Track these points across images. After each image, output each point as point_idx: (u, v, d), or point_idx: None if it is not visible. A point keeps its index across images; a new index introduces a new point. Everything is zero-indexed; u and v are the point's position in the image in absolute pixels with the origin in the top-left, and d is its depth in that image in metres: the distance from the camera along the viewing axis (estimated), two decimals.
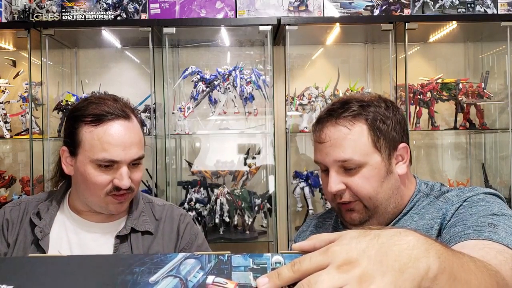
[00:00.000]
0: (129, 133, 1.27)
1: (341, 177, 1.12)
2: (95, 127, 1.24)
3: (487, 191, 1.08)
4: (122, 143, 1.25)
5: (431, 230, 1.07)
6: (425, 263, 0.51)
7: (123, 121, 1.27)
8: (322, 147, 1.14)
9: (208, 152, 3.02)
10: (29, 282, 0.57)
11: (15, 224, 1.34)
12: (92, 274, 0.58)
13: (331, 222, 1.33)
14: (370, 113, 1.12)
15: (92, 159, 1.24)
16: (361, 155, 1.10)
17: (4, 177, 2.83)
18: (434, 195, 1.16)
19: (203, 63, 2.94)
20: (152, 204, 1.44)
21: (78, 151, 1.27)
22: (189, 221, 1.45)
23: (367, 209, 1.13)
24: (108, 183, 1.26)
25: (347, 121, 1.11)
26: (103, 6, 2.67)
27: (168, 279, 0.55)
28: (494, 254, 0.82)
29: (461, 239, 0.93)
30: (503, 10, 2.65)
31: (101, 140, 1.23)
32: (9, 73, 2.86)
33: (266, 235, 2.75)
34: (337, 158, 1.11)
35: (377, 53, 3.00)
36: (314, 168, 2.89)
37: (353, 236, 0.54)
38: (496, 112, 2.93)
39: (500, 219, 0.96)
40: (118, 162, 1.25)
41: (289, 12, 2.66)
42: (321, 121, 1.16)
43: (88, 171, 1.25)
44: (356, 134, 1.11)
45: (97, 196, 1.28)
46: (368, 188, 1.11)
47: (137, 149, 1.29)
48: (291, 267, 0.54)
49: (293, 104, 2.73)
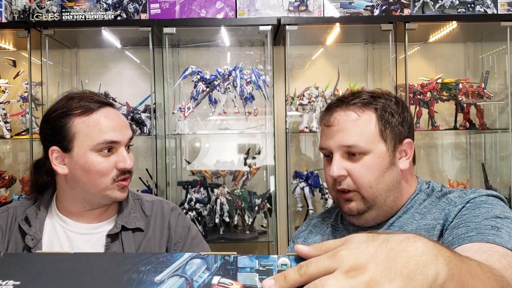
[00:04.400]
0: (119, 116, 1.33)
1: (344, 163, 1.13)
2: (88, 116, 1.27)
3: (489, 193, 1.09)
4: (118, 124, 1.29)
5: (433, 231, 1.07)
6: (433, 270, 0.51)
7: (110, 107, 1.33)
8: (328, 131, 1.15)
9: (208, 152, 3.02)
10: (35, 278, 0.57)
11: (5, 231, 1.32)
12: (98, 271, 0.58)
13: (330, 221, 1.33)
14: (380, 103, 1.14)
15: (93, 146, 1.25)
16: (366, 142, 1.11)
17: (4, 177, 2.83)
18: (436, 195, 1.16)
19: (203, 63, 2.94)
20: (141, 201, 1.43)
21: (73, 145, 1.26)
22: (179, 214, 1.44)
23: (365, 200, 1.13)
24: (113, 168, 1.27)
25: (357, 108, 1.13)
26: (103, 6, 2.67)
27: (174, 278, 0.55)
28: (497, 257, 0.82)
29: (464, 241, 0.93)
30: (503, 10, 2.65)
31: (98, 125, 1.26)
32: (9, 73, 2.85)
33: (266, 235, 2.75)
34: (343, 142, 1.12)
35: (377, 53, 3.00)
36: (314, 168, 2.89)
37: (362, 241, 0.54)
38: (496, 112, 2.94)
39: (503, 222, 0.96)
40: (118, 142, 1.28)
41: (289, 12, 2.66)
42: (331, 107, 1.17)
43: (90, 160, 1.25)
44: (364, 122, 1.12)
45: (103, 184, 1.27)
46: (370, 177, 1.12)
47: (129, 130, 1.34)
48: (297, 270, 0.53)
49: (293, 104, 2.73)
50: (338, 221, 1.30)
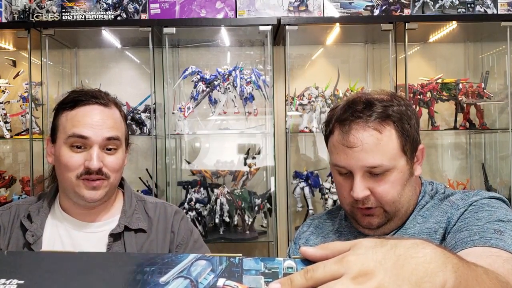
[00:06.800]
0: (103, 117, 1.27)
1: (366, 183, 1.08)
2: (70, 110, 1.27)
3: (492, 195, 1.08)
4: (93, 123, 1.25)
5: (435, 234, 1.07)
6: (441, 277, 0.51)
7: (100, 106, 1.28)
8: (349, 152, 1.08)
9: (208, 152, 3.01)
10: (39, 277, 0.57)
11: (7, 229, 1.32)
12: (103, 271, 0.57)
13: (334, 226, 1.30)
14: (395, 113, 1.09)
15: (65, 139, 1.25)
16: (389, 160, 1.07)
17: (4, 177, 2.83)
18: (439, 197, 1.15)
19: (203, 63, 2.94)
20: (145, 202, 1.43)
21: (56, 136, 1.29)
22: (182, 217, 1.44)
23: (387, 214, 1.11)
24: (80, 165, 1.25)
25: (377, 124, 1.07)
26: (103, 6, 2.66)
27: (179, 280, 0.55)
28: (501, 262, 0.82)
29: (467, 245, 0.93)
30: (503, 10, 2.66)
31: (72, 120, 1.26)
32: (9, 73, 2.85)
33: (266, 235, 2.74)
34: (367, 164, 1.06)
35: (377, 53, 3.00)
36: (314, 168, 2.89)
37: (369, 246, 0.53)
38: (496, 112, 2.94)
39: (506, 225, 0.95)
40: (87, 138, 1.24)
41: (289, 12, 2.66)
42: (347, 122, 1.09)
43: (61, 153, 1.26)
44: (386, 138, 1.07)
45: (70, 180, 1.26)
46: (393, 193, 1.09)
47: (110, 131, 1.27)
48: (304, 274, 0.53)
49: (293, 104, 2.73)
50: (343, 225, 1.28)
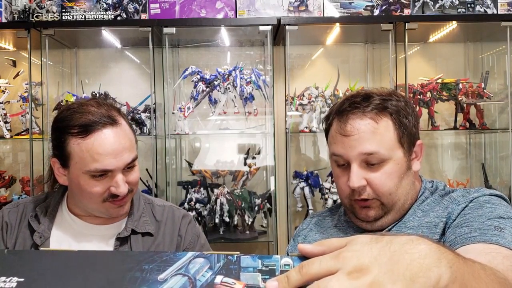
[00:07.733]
0: (119, 140, 1.23)
1: (363, 173, 1.10)
2: (83, 139, 1.20)
3: (492, 192, 1.08)
4: (112, 152, 1.20)
5: (435, 228, 1.07)
6: (436, 272, 0.51)
7: (111, 128, 1.22)
8: (346, 140, 1.11)
9: (208, 152, 3.01)
10: (39, 275, 0.58)
11: (14, 227, 1.32)
12: (102, 269, 0.58)
13: (333, 222, 1.32)
14: (393, 106, 1.12)
15: (85, 171, 1.21)
16: (386, 149, 1.09)
17: (4, 177, 2.83)
18: (439, 193, 1.16)
19: (203, 63, 2.94)
20: (153, 205, 1.42)
21: (69, 163, 1.24)
22: (190, 221, 1.44)
23: (384, 206, 1.12)
24: (105, 192, 1.23)
25: (373, 115, 1.10)
26: (103, 6, 2.66)
27: (177, 277, 0.56)
28: (500, 259, 0.82)
29: (467, 241, 0.93)
30: (503, 10, 2.66)
31: (90, 152, 1.19)
32: (9, 73, 2.85)
33: (266, 235, 2.75)
34: (364, 150, 1.09)
35: (377, 53, 3.00)
36: (314, 168, 2.89)
37: (365, 242, 0.54)
38: (496, 112, 2.94)
39: (506, 222, 0.96)
40: (112, 170, 1.22)
41: (289, 12, 2.66)
42: (345, 113, 1.13)
43: (82, 182, 1.22)
44: (383, 129, 1.10)
45: (95, 203, 1.26)
46: (390, 184, 1.10)
47: (129, 153, 1.25)
48: (299, 270, 0.53)
49: (293, 104, 2.73)
50: (342, 221, 1.29)
